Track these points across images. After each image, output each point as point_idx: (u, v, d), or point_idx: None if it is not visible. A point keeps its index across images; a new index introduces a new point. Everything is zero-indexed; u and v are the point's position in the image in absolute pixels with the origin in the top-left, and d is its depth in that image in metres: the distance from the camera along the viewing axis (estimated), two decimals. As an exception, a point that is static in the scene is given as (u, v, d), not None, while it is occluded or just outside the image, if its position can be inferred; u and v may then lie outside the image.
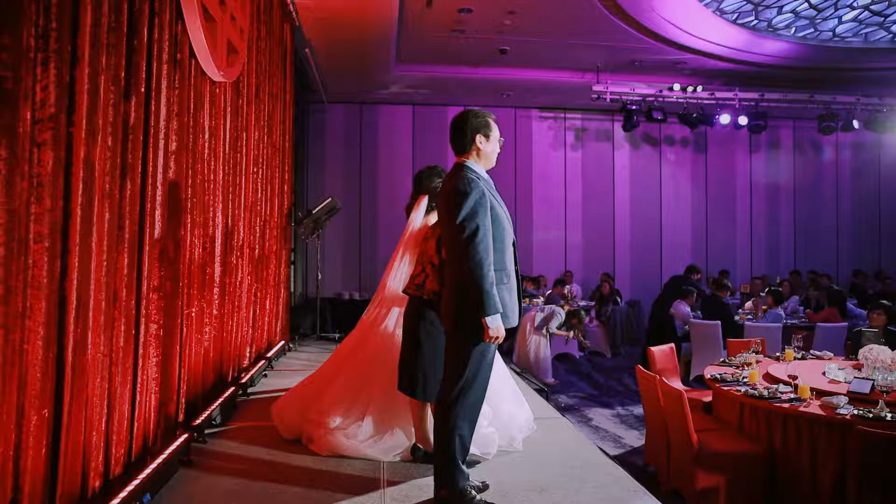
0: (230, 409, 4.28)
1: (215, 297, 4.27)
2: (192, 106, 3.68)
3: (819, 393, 4.08)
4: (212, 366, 4.30)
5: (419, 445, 3.39)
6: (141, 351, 3.08)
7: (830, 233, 11.64)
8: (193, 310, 3.83)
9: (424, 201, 3.92)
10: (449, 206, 2.76)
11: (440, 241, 3.21)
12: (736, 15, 8.23)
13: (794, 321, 7.71)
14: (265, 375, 5.35)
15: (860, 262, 11.37)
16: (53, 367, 2.31)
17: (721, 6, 8.00)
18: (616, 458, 4.63)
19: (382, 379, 3.53)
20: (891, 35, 8.96)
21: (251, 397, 4.71)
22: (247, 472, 3.27)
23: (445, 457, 2.79)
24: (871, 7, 8.30)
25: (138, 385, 3.08)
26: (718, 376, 4.67)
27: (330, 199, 6.59)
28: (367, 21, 7.41)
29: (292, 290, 7.95)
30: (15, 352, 2.10)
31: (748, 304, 8.26)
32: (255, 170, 5.26)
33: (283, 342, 6.29)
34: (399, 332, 3.62)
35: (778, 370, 4.73)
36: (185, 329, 3.68)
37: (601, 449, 3.98)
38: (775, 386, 4.28)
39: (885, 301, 5.72)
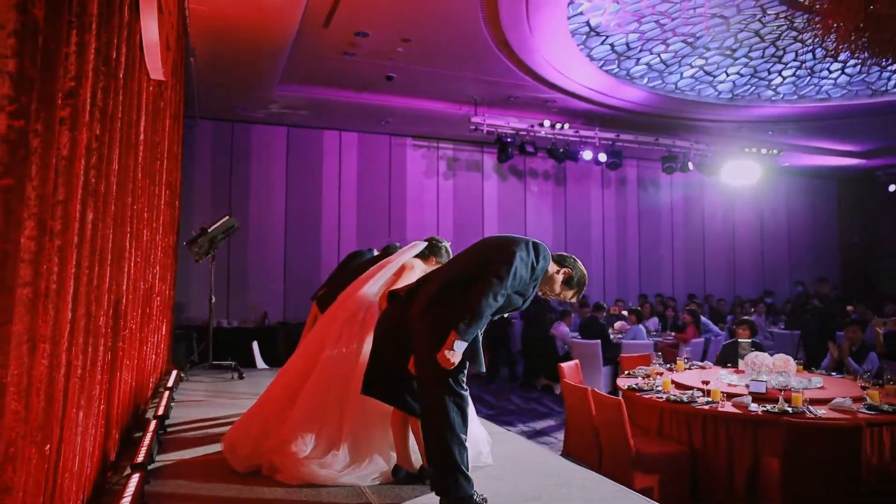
0: (156, 444, 3.78)
1: (138, 316, 3.79)
2: (134, 104, 3.29)
3: (729, 395, 4.59)
4: (133, 395, 3.80)
5: (401, 466, 3.26)
6: (99, 377, 2.66)
7: (667, 261, 13.14)
8: (128, 331, 3.37)
9: (423, 245, 3.85)
10: (515, 246, 2.87)
11: None
12: (602, 62, 9.12)
13: (658, 338, 8.56)
14: (171, 407, 4.80)
15: (691, 287, 12.94)
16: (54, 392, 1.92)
17: (591, 52, 8.83)
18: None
19: (350, 400, 3.35)
20: (717, 93, 10.46)
21: (168, 430, 4.20)
22: (218, 511, 2.92)
23: (450, 465, 2.74)
24: (705, 68, 9.67)
25: (93, 417, 2.65)
26: (635, 386, 5.05)
27: (227, 217, 6.13)
28: (262, 37, 7.13)
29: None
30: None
31: (617, 325, 9.02)
32: (166, 180, 4.79)
33: (175, 371, 5.69)
34: (364, 347, 3.49)
35: (682, 378, 5.24)
36: (122, 352, 3.23)
37: (566, 457, 4.10)
38: (690, 391, 4.74)
39: (746, 318, 6.57)
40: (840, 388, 4.90)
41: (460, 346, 2.70)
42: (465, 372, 2.86)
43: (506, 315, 3.15)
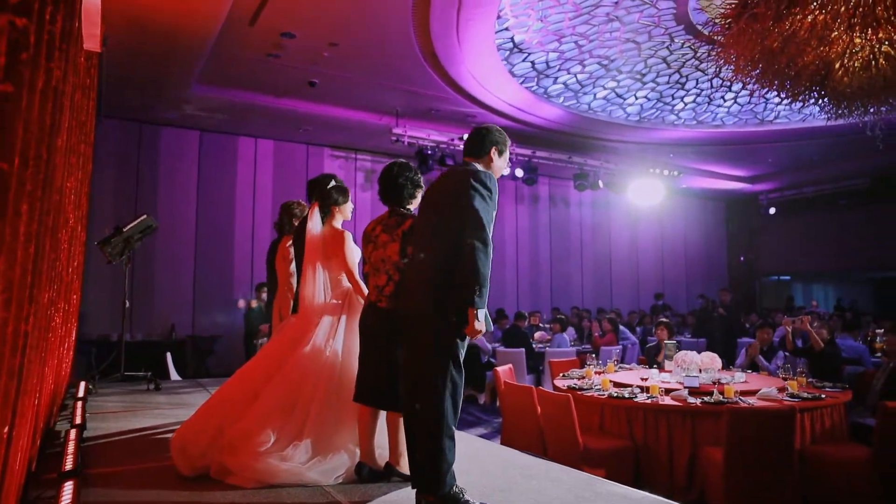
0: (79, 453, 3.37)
1: (62, 311, 3.39)
2: (74, 69, 2.97)
3: (666, 391, 4.75)
4: (51, 401, 3.37)
5: (365, 463, 3.09)
6: (37, 366, 2.33)
7: (577, 275, 13.61)
8: (55, 322, 3.00)
9: (317, 208, 3.75)
10: (466, 194, 2.70)
11: (405, 245, 3.08)
12: (523, 79, 9.39)
13: (577, 347, 8.80)
14: (86, 418, 4.32)
15: (599, 300, 13.46)
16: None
17: (513, 69, 9.07)
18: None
19: (317, 394, 3.17)
20: (626, 115, 11.05)
21: (86, 442, 3.76)
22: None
23: (439, 460, 2.62)
24: (616, 90, 10.20)
25: (31, 410, 2.31)
26: (575, 386, 5.13)
27: (145, 216, 5.67)
28: (184, 30, 6.76)
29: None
30: None
31: (537, 335, 9.18)
32: (85, 167, 4.36)
33: (83, 383, 5.14)
34: (334, 344, 3.32)
35: (617, 378, 5.38)
36: (51, 344, 2.86)
37: (526, 452, 4.05)
38: (629, 388, 4.87)
39: (663, 320, 6.89)
40: (761, 381, 5.22)
41: (483, 315, 2.65)
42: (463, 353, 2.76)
43: None
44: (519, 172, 11.04)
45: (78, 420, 3.77)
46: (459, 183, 2.79)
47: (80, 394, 4.67)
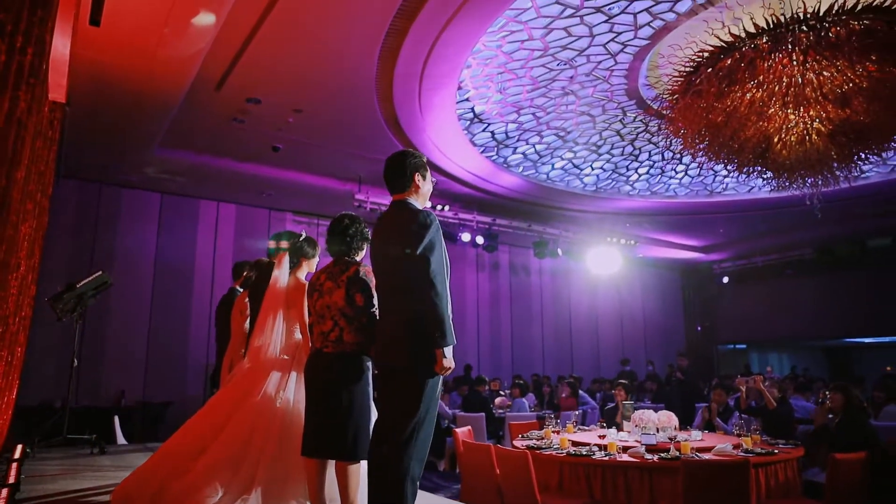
0: (12, 514, 3.19)
1: (4, 361, 3.28)
2: (39, 113, 3.01)
3: (624, 448, 4.76)
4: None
5: (316, 514, 3.00)
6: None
7: (538, 342, 13.67)
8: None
9: (286, 258, 3.80)
10: (407, 238, 2.77)
11: (350, 291, 3.12)
12: (483, 148, 9.72)
13: (536, 412, 8.75)
14: (21, 479, 4.08)
15: (560, 367, 13.49)
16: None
17: (473, 138, 9.40)
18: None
19: (267, 447, 3.10)
20: (583, 185, 11.47)
21: (21, 504, 3.56)
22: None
23: (401, 501, 2.58)
24: (573, 160, 10.62)
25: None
26: (534, 445, 5.09)
27: (100, 272, 5.58)
28: (150, 92, 6.87)
29: None
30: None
31: (498, 400, 9.11)
32: (41, 217, 4.32)
33: (21, 445, 4.88)
34: (285, 395, 3.28)
35: (575, 437, 5.37)
36: (-11, 393, 2.76)
37: None
38: (587, 446, 4.86)
39: (622, 381, 6.96)
40: (716, 439, 5.27)
41: (449, 352, 2.70)
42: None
43: None
44: (480, 240, 11.24)
45: (11, 480, 3.57)
46: (401, 233, 2.84)
47: (17, 455, 4.43)
